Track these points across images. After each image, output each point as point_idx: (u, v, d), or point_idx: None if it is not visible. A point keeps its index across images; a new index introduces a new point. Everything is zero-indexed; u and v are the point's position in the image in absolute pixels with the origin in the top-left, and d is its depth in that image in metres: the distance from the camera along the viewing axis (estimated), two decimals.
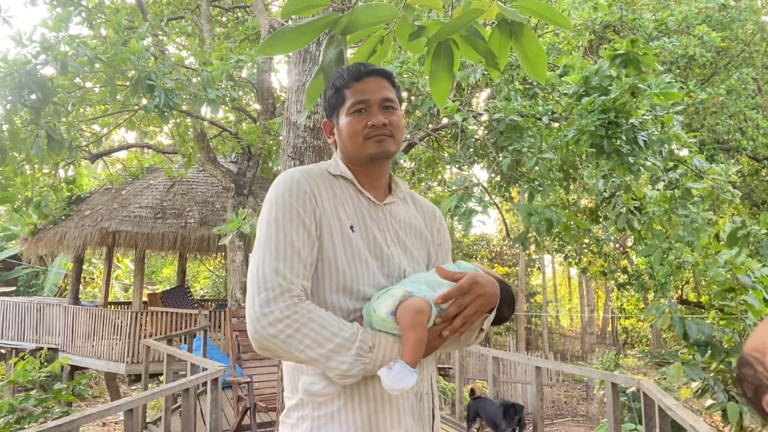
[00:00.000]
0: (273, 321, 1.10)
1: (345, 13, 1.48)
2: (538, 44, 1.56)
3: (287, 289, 1.12)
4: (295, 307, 1.11)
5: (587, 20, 8.90)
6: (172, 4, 11.38)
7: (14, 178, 7.88)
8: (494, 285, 1.23)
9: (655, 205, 5.88)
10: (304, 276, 1.17)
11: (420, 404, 1.24)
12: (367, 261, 1.25)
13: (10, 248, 17.25)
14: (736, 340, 4.90)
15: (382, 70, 1.37)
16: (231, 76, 6.56)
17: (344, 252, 1.23)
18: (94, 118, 9.77)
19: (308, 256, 1.19)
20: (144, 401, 4.86)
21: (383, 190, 1.39)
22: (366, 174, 1.35)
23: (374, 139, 1.29)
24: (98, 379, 15.25)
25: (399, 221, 1.37)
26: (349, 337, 1.12)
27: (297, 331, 1.10)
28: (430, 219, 1.47)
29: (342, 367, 1.11)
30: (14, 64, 5.45)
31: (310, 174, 1.29)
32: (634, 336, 24.54)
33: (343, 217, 1.27)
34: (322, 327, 1.11)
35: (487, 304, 1.21)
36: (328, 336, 1.11)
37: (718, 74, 10.61)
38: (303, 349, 1.10)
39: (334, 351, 1.10)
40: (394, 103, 1.34)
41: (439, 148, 8.78)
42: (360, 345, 1.12)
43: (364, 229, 1.28)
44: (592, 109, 5.03)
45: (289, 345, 1.10)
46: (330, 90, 1.37)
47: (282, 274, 1.13)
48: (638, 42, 4.79)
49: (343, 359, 1.11)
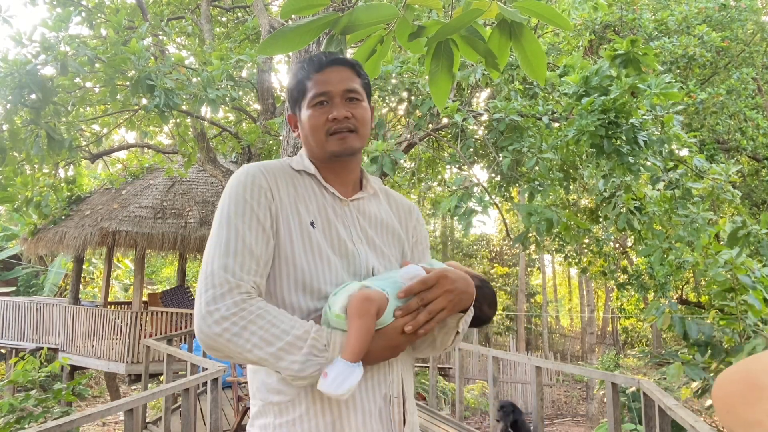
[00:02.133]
0: (218, 319, 1.04)
1: (345, 13, 1.48)
2: (538, 45, 1.56)
3: (235, 286, 1.07)
4: (242, 304, 1.06)
5: (587, 20, 8.90)
6: (172, 4, 11.38)
7: (14, 178, 7.88)
8: (467, 283, 1.17)
9: (655, 205, 5.88)
10: (257, 272, 1.12)
11: (389, 408, 1.16)
12: (329, 258, 1.19)
13: (10, 248, 17.25)
14: (736, 340, 4.90)
15: (346, 60, 1.30)
16: (231, 76, 6.55)
17: (303, 249, 1.17)
18: (94, 118, 9.77)
19: (262, 253, 1.13)
20: (144, 401, 4.86)
21: (352, 186, 1.33)
22: (331, 169, 1.29)
23: (337, 136, 1.23)
24: (98, 379, 15.25)
25: (368, 218, 1.31)
26: (301, 335, 1.06)
27: (244, 329, 1.04)
28: (405, 216, 1.40)
29: (293, 367, 1.05)
30: (14, 64, 5.45)
31: (269, 169, 1.23)
32: (634, 336, 24.54)
33: (304, 213, 1.21)
34: (271, 324, 1.06)
35: (458, 302, 1.15)
36: (277, 334, 1.05)
37: (718, 74, 10.61)
38: (250, 348, 1.04)
39: (283, 350, 1.05)
40: (358, 95, 1.27)
41: (439, 148, 8.78)
42: (312, 343, 1.06)
43: (327, 225, 1.23)
44: (592, 109, 5.03)
45: (236, 344, 1.04)
46: (292, 81, 1.31)
47: (231, 271, 1.08)
48: (638, 42, 4.79)
49: (294, 358, 1.05)
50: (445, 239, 23.72)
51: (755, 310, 4.65)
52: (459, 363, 8.24)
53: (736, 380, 0.60)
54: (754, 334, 4.66)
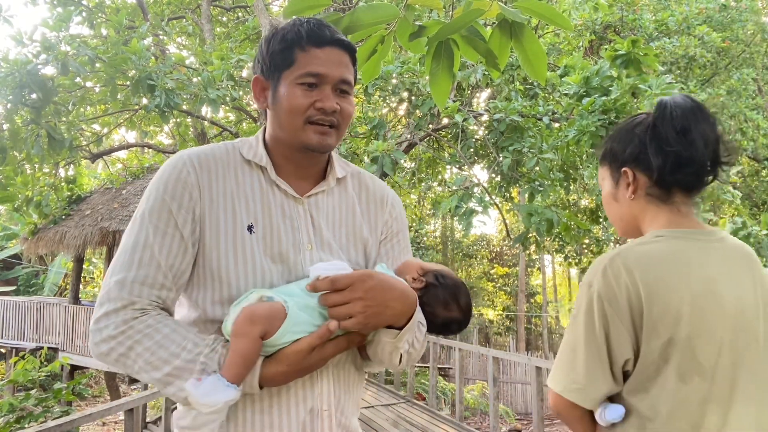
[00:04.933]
0: (105, 338, 0.95)
1: (346, 13, 1.49)
2: (539, 45, 1.56)
3: (130, 303, 0.96)
4: (131, 322, 0.95)
5: (588, 21, 8.90)
6: (172, 4, 11.39)
7: (15, 178, 7.89)
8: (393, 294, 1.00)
9: None
10: (162, 286, 0.99)
11: (315, 422, 1.04)
12: (263, 268, 1.03)
13: (11, 247, 17.26)
14: None
15: (348, 43, 1.10)
16: (231, 76, 6.56)
17: (234, 258, 1.02)
18: (94, 117, 9.78)
19: (174, 263, 1.00)
20: (144, 401, 4.86)
21: (312, 180, 1.15)
22: (292, 160, 1.11)
23: (317, 129, 1.06)
24: (98, 378, 15.25)
25: (324, 216, 1.13)
26: (191, 359, 0.94)
27: (130, 349, 0.95)
28: (375, 208, 1.21)
29: (181, 395, 0.94)
30: (15, 64, 5.46)
31: (204, 159, 1.07)
32: None
33: (242, 213, 1.05)
34: (158, 346, 0.94)
35: (373, 314, 0.98)
36: (164, 357, 0.94)
37: (718, 75, 10.61)
38: (137, 371, 0.95)
39: (171, 375, 0.93)
40: (349, 87, 1.10)
41: (440, 148, 8.78)
42: (202, 368, 0.93)
43: (269, 228, 1.06)
44: (593, 110, 5.03)
45: (124, 365, 0.96)
46: (278, 42, 1.07)
47: (128, 286, 0.97)
48: (639, 42, 4.79)
49: (182, 385, 0.93)
50: (445, 239, 23.73)
51: None
52: (459, 363, 8.24)
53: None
54: None
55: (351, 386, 1.12)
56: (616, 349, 1.09)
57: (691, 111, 1.15)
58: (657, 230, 1.18)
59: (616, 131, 1.29)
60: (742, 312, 1.11)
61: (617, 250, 1.15)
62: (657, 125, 1.17)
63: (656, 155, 1.16)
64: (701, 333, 1.07)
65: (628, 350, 1.09)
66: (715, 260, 1.13)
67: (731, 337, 1.08)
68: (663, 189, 1.19)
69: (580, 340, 1.12)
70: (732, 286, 1.12)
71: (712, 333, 1.08)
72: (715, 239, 1.16)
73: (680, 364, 1.07)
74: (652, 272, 1.09)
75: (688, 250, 1.13)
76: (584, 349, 1.11)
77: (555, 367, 1.18)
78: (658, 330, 1.07)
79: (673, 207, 1.19)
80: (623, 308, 1.08)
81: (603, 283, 1.10)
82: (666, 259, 1.11)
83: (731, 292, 1.11)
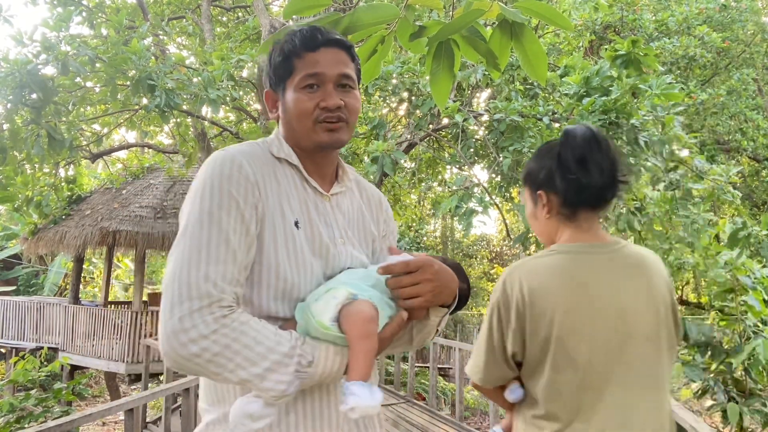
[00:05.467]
0: (196, 337, 0.91)
1: (346, 14, 1.49)
2: (539, 45, 1.56)
3: (217, 299, 0.94)
4: (224, 320, 0.93)
5: (588, 21, 8.90)
6: (172, 4, 11.39)
7: (15, 178, 7.89)
8: (451, 277, 1.10)
9: (656, 206, 5.88)
10: (238, 282, 0.99)
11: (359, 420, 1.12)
12: (311, 264, 1.08)
13: (11, 247, 17.25)
14: (736, 341, 4.89)
15: (342, 40, 1.15)
16: (232, 76, 6.56)
17: (287, 256, 1.05)
18: (94, 117, 9.78)
19: (244, 259, 1.00)
20: (144, 401, 4.86)
21: (330, 178, 1.21)
22: (312, 160, 1.17)
23: (326, 126, 1.10)
24: (98, 378, 15.24)
25: (345, 215, 1.20)
26: (288, 352, 0.96)
27: (226, 347, 0.93)
28: (376, 209, 1.30)
29: (279, 387, 0.95)
30: (15, 64, 5.46)
31: (253, 157, 1.09)
32: None
33: (288, 211, 1.09)
34: (256, 342, 0.95)
35: (438, 293, 1.06)
36: (263, 353, 0.94)
37: (718, 75, 10.61)
38: (233, 368, 0.93)
39: (270, 370, 0.94)
40: (352, 81, 1.14)
41: (440, 149, 8.78)
42: (299, 360, 0.97)
43: (309, 225, 1.11)
44: (593, 110, 5.03)
45: (217, 365, 0.93)
46: (278, 55, 1.14)
47: (213, 281, 0.95)
48: (639, 43, 4.79)
49: (281, 378, 0.95)
50: (445, 239, 23.72)
51: (755, 311, 4.65)
52: (459, 363, 8.24)
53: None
54: (754, 335, 4.66)
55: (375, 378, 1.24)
56: (508, 345, 1.33)
57: (587, 142, 1.33)
58: (555, 245, 1.39)
59: (534, 156, 1.47)
60: (622, 313, 1.28)
61: (517, 263, 1.37)
62: (561, 154, 1.35)
63: (561, 181, 1.35)
64: (573, 332, 1.27)
65: (517, 346, 1.33)
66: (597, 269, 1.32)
67: (606, 335, 1.27)
68: (570, 208, 1.37)
69: (483, 337, 1.39)
70: (611, 291, 1.30)
71: (584, 332, 1.27)
72: (608, 251, 1.35)
73: (554, 358, 1.29)
74: (535, 282, 1.30)
75: (570, 261, 1.33)
76: (484, 344, 1.38)
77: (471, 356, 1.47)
78: (537, 330, 1.29)
79: (578, 224, 1.38)
80: (513, 313, 1.31)
81: (501, 291, 1.34)
82: (548, 271, 1.31)
83: (608, 296, 1.29)
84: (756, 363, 4.46)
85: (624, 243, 1.38)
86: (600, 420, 1.25)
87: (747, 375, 4.73)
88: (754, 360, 4.46)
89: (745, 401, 4.62)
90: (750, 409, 4.50)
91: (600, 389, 1.26)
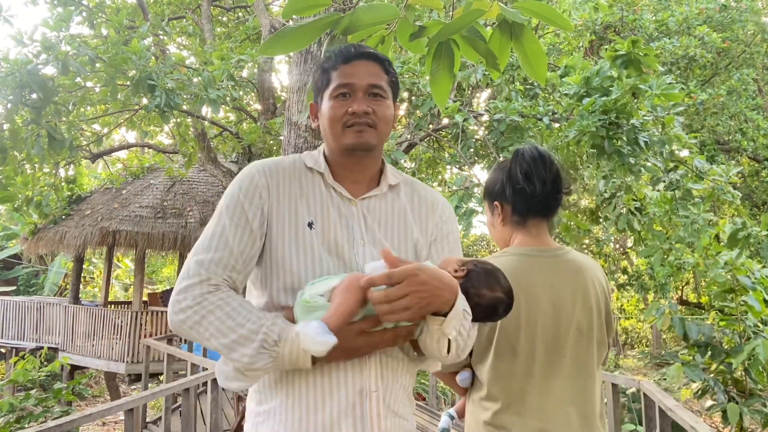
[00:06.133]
0: (184, 308, 1.10)
1: (346, 14, 1.48)
2: (539, 45, 1.56)
3: (205, 279, 1.12)
4: (206, 295, 1.10)
5: (588, 21, 8.90)
6: (173, 4, 11.39)
7: (15, 178, 7.88)
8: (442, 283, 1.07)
9: (656, 206, 5.88)
10: (233, 268, 1.15)
11: (364, 402, 1.14)
12: (322, 259, 1.18)
13: (11, 247, 17.25)
14: (736, 341, 4.90)
15: (375, 54, 1.27)
16: (232, 76, 6.56)
17: (295, 251, 1.18)
18: (94, 117, 9.78)
19: (243, 250, 1.16)
20: (144, 401, 4.86)
21: (366, 184, 1.29)
22: (344, 165, 1.27)
23: (353, 129, 1.21)
24: (98, 378, 15.24)
25: (376, 217, 1.27)
26: (254, 329, 1.08)
27: (203, 318, 1.09)
28: (426, 212, 1.34)
29: (243, 360, 1.08)
30: (15, 64, 5.45)
31: (272, 167, 1.25)
32: (634, 337, 24.52)
33: (303, 212, 1.21)
34: (227, 316, 1.09)
35: (426, 304, 1.05)
36: (231, 326, 1.08)
37: (718, 75, 10.61)
38: (208, 337, 1.10)
39: (236, 342, 1.08)
40: (382, 91, 1.24)
41: (440, 149, 8.79)
42: (263, 338, 1.07)
43: (327, 225, 1.21)
44: (593, 110, 5.03)
45: (197, 332, 1.10)
46: (318, 71, 1.31)
47: (205, 265, 1.13)
48: (639, 43, 4.79)
49: (245, 351, 1.08)
50: None
51: (755, 311, 4.65)
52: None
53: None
54: (754, 335, 4.66)
55: (399, 373, 1.23)
56: None
57: (533, 159, 1.54)
58: (508, 248, 1.58)
59: (491, 173, 1.69)
60: (559, 310, 1.47)
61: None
62: (511, 169, 1.57)
63: (511, 192, 1.56)
64: (515, 324, 1.45)
65: None
66: (541, 271, 1.50)
67: (544, 328, 1.47)
68: (520, 216, 1.58)
69: None
70: (551, 289, 1.48)
71: (524, 324, 1.46)
72: (552, 255, 1.55)
73: (497, 346, 1.47)
74: None
75: (518, 262, 1.51)
76: None
77: None
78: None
79: (527, 230, 1.58)
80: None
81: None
82: None
83: (548, 295, 1.47)
84: (756, 363, 4.46)
85: (567, 249, 1.59)
86: (536, 402, 1.45)
87: (747, 375, 4.73)
88: (754, 360, 4.46)
89: (745, 401, 4.62)
90: (750, 410, 4.51)
91: (536, 375, 1.46)
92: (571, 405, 1.47)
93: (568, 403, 1.46)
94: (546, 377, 1.46)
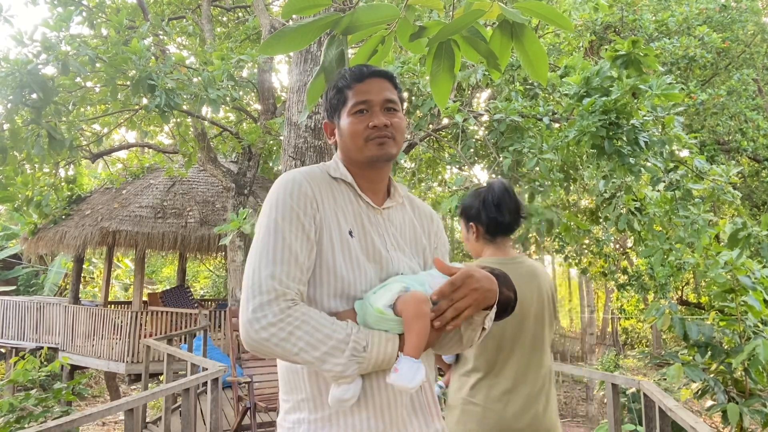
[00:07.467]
0: (265, 325, 1.10)
1: (346, 14, 1.48)
2: (539, 45, 1.56)
3: (281, 294, 1.13)
4: (288, 311, 1.12)
5: (588, 21, 8.90)
6: (173, 4, 11.39)
7: (15, 178, 7.88)
8: (490, 281, 1.22)
9: (656, 206, 5.88)
10: (301, 281, 1.17)
11: (421, 394, 1.26)
12: (365, 267, 1.25)
13: (11, 247, 17.25)
14: (736, 341, 4.89)
15: (385, 72, 1.36)
16: (232, 76, 6.56)
17: (343, 258, 1.23)
18: (94, 117, 9.78)
19: (305, 260, 1.19)
20: (144, 401, 4.85)
21: (382, 194, 1.38)
22: (365, 177, 1.35)
23: (375, 141, 1.29)
24: (98, 378, 15.25)
25: (396, 226, 1.37)
26: (343, 338, 1.12)
27: (290, 334, 1.11)
28: (427, 223, 1.47)
29: (336, 369, 1.12)
30: (15, 64, 5.45)
31: (312, 177, 1.29)
32: (634, 337, 24.53)
33: (343, 222, 1.27)
34: (315, 329, 1.12)
35: (483, 299, 1.20)
36: (321, 338, 1.11)
37: (718, 75, 10.61)
38: (297, 352, 1.11)
39: (328, 353, 1.11)
40: (395, 105, 1.34)
41: (440, 149, 8.79)
42: (354, 346, 1.12)
43: (363, 234, 1.29)
44: (593, 110, 5.03)
45: (283, 348, 1.11)
46: (332, 90, 1.37)
47: (278, 279, 1.14)
48: (639, 43, 4.79)
49: (338, 361, 1.11)
50: None
51: (755, 311, 4.65)
52: None
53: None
54: (754, 335, 4.66)
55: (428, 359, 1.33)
56: None
57: (502, 192, 2.03)
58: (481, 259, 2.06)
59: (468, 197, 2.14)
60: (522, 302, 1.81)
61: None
62: (486, 201, 2.04)
63: (485, 218, 2.05)
64: None
65: None
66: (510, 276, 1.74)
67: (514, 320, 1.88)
68: (490, 235, 2.07)
69: None
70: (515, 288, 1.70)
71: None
72: (514, 263, 2.03)
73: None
74: None
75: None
76: None
77: None
78: None
79: (496, 245, 2.08)
80: None
81: None
82: None
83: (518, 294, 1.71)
84: (756, 363, 4.46)
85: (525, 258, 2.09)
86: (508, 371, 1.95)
87: (747, 375, 4.73)
88: (753, 360, 4.46)
89: (745, 401, 4.62)
90: (750, 410, 4.50)
91: (508, 350, 1.96)
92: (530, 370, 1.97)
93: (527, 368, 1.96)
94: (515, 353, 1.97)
